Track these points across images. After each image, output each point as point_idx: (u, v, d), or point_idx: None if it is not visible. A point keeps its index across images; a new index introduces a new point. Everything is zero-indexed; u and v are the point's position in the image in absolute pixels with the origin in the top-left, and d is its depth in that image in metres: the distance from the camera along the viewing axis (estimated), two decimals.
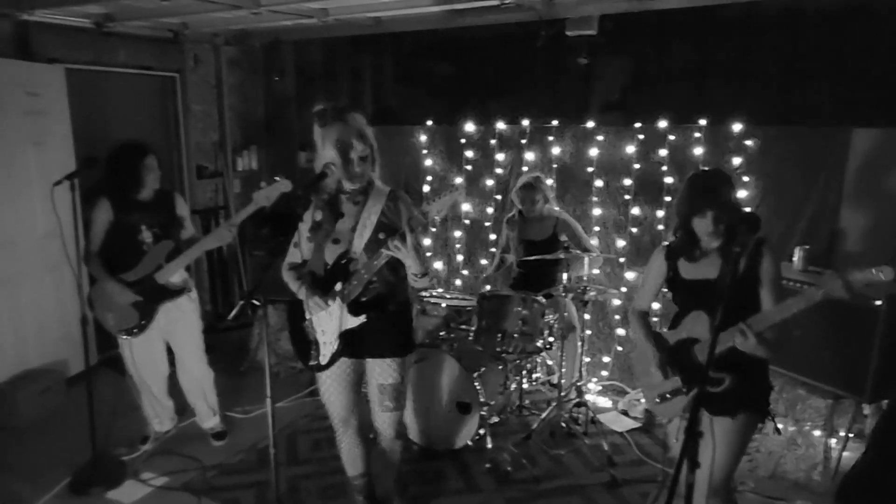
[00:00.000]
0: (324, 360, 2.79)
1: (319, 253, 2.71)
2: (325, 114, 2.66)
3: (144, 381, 3.72)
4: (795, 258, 3.58)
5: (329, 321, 2.75)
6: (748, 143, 4.10)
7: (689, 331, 2.47)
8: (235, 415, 4.23)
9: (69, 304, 4.44)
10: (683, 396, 2.50)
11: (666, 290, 2.67)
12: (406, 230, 2.47)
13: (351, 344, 2.75)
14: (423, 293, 4.46)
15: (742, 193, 4.11)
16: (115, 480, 3.50)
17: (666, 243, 2.61)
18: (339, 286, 2.67)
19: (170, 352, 3.80)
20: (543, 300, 3.89)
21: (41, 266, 4.45)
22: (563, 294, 3.95)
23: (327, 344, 2.77)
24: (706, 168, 4.00)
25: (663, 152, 4.37)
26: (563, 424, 4.01)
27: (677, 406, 2.52)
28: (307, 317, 2.80)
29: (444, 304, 4.38)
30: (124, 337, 3.55)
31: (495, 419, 3.99)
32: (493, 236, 5.14)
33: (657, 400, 2.60)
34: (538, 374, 4.74)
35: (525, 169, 4.82)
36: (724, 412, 2.38)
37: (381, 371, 2.82)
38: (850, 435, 3.51)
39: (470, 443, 3.72)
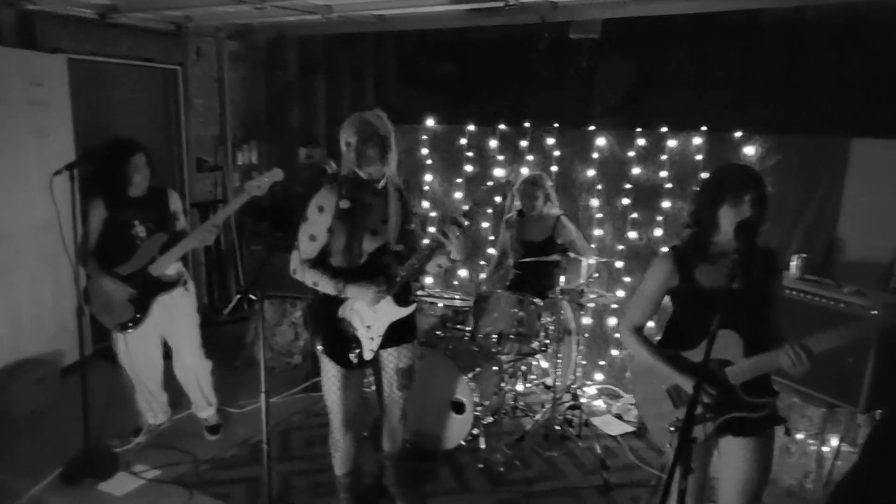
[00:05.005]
0: (369, 356, 2.84)
1: (354, 243, 2.71)
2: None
3: (139, 375, 3.71)
4: (792, 266, 3.58)
5: (374, 316, 2.80)
6: (748, 150, 4.10)
7: (716, 351, 2.06)
8: (229, 409, 4.22)
9: (65, 294, 4.44)
10: (710, 424, 2.23)
11: (672, 301, 2.37)
12: (460, 218, 2.60)
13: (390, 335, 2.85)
14: (420, 292, 4.46)
15: None
16: (107, 472, 3.50)
17: (666, 249, 2.34)
18: (399, 277, 2.73)
19: (165, 345, 3.79)
20: (540, 302, 3.89)
21: (39, 256, 4.44)
22: (561, 296, 3.95)
23: (373, 339, 2.83)
24: (734, 162, 3.47)
25: (663, 157, 4.37)
26: (557, 427, 4.01)
27: (699, 434, 2.22)
28: (341, 315, 2.81)
29: (440, 304, 4.38)
30: (120, 332, 3.55)
31: (489, 420, 3.99)
32: (491, 237, 5.14)
33: (672, 429, 2.28)
34: (533, 376, 4.74)
35: (525, 170, 4.82)
36: (749, 432, 2.27)
37: (399, 356, 2.96)
38: (843, 444, 3.51)
39: (463, 443, 3.73)
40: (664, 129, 4.38)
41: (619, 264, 4.60)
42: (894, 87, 4.18)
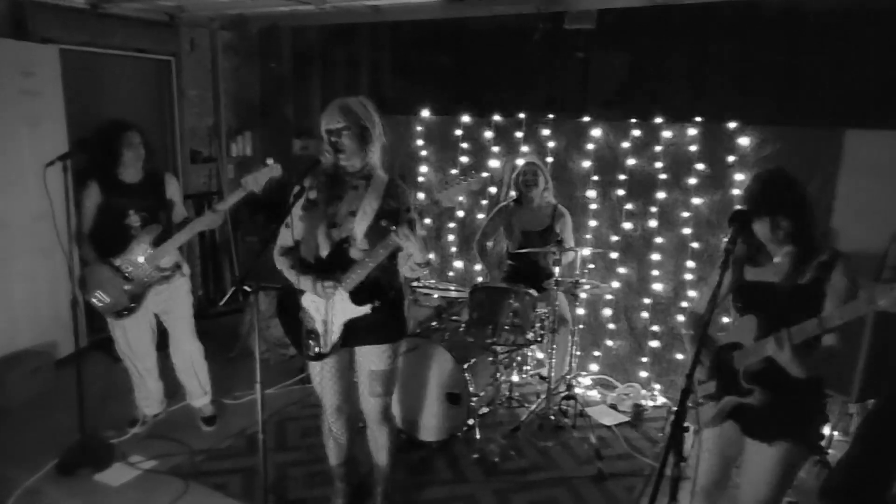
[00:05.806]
0: (325, 350, 2.76)
1: (312, 235, 2.66)
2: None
3: (136, 363, 3.71)
4: None
5: (330, 311, 2.73)
6: (742, 141, 4.11)
7: (735, 335, 2.27)
8: (225, 400, 4.23)
9: (60, 285, 4.43)
10: (713, 404, 2.30)
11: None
12: (415, 218, 2.46)
13: (349, 332, 2.74)
14: (416, 283, 4.46)
15: (735, 191, 4.13)
16: (102, 462, 3.50)
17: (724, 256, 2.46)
18: (351, 274, 2.61)
19: (161, 334, 3.80)
20: (535, 293, 3.90)
21: (33, 247, 4.43)
22: (556, 287, 3.95)
23: (327, 333, 2.75)
24: (770, 168, 3.71)
25: (658, 148, 4.38)
26: (552, 417, 4.03)
27: (707, 413, 2.32)
28: (303, 306, 2.78)
29: (436, 295, 4.39)
30: (116, 319, 3.55)
31: (484, 410, 4.00)
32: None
33: (700, 401, 2.37)
34: (528, 367, 4.76)
35: (520, 161, 4.81)
36: (761, 436, 2.22)
37: (372, 357, 2.80)
38: (836, 433, 3.55)
39: (458, 434, 3.74)
40: (659, 119, 4.39)
41: (613, 255, 4.61)
42: (889, 79, 4.19)
